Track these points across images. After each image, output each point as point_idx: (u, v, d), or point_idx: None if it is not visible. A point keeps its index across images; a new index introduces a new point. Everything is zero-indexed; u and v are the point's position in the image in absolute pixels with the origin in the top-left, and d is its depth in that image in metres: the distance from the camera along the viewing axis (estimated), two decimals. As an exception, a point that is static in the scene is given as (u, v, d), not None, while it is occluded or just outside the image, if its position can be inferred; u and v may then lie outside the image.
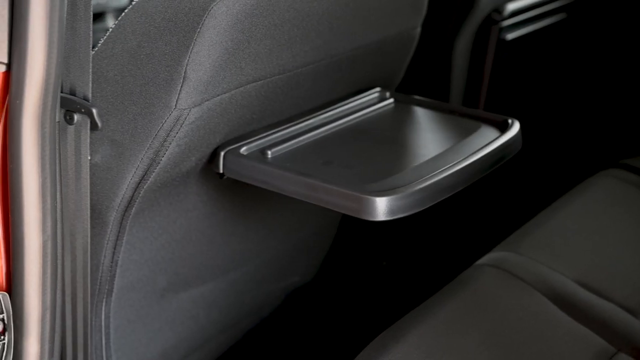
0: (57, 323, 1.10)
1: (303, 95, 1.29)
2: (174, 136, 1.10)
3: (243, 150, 1.19)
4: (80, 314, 1.18)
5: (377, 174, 1.15)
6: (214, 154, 1.20)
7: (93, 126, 1.07)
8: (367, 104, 1.39)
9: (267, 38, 1.12)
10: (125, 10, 1.10)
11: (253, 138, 1.22)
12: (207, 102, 1.10)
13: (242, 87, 1.14)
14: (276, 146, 1.22)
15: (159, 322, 1.36)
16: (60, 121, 1.04)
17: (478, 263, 1.38)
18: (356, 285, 1.91)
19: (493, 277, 1.33)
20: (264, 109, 1.23)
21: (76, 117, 1.06)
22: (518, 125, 1.31)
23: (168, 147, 1.11)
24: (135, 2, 1.08)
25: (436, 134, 1.33)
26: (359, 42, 1.31)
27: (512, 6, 1.83)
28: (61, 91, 1.02)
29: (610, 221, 1.54)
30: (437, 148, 1.25)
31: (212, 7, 1.04)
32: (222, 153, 1.18)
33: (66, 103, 1.05)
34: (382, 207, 1.07)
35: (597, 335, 1.24)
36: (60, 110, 1.02)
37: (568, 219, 1.52)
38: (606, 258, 1.43)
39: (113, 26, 1.10)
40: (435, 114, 1.39)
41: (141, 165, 1.12)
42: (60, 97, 1.01)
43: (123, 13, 1.10)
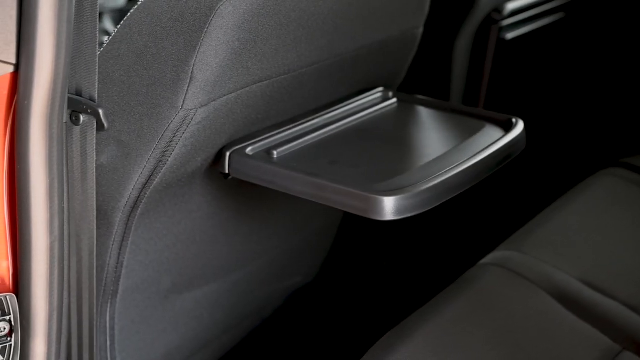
0: (64, 324, 1.10)
1: (307, 95, 1.29)
2: (181, 136, 1.10)
3: (249, 150, 1.19)
4: (85, 315, 1.17)
5: (384, 174, 1.15)
6: (220, 155, 1.19)
7: (99, 127, 1.06)
8: (371, 104, 1.38)
9: (274, 38, 1.12)
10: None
11: (258, 138, 1.22)
12: (214, 103, 1.10)
13: (248, 87, 1.14)
14: (281, 146, 1.21)
15: (163, 323, 1.35)
16: (66, 122, 1.04)
17: (482, 262, 1.39)
18: (358, 285, 1.90)
19: (498, 276, 1.33)
20: (269, 109, 1.22)
21: (82, 118, 1.06)
22: (522, 124, 1.31)
23: (175, 148, 1.10)
24: (141, 3, 1.08)
25: (440, 134, 1.34)
26: (363, 42, 1.31)
27: (512, 6, 1.83)
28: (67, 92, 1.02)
29: (612, 220, 1.54)
30: (442, 147, 1.26)
31: (219, 7, 1.04)
32: (228, 153, 1.18)
33: (72, 104, 1.05)
34: (390, 207, 1.07)
35: (602, 333, 1.24)
36: (66, 111, 1.02)
37: (570, 218, 1.52)
38: (609, 257, 1.44)
39: (119, 26, 1.09)
40: (438, 114, 1.39)
41: (148, 165, 1.11)
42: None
43: (129, 13, 1.09)
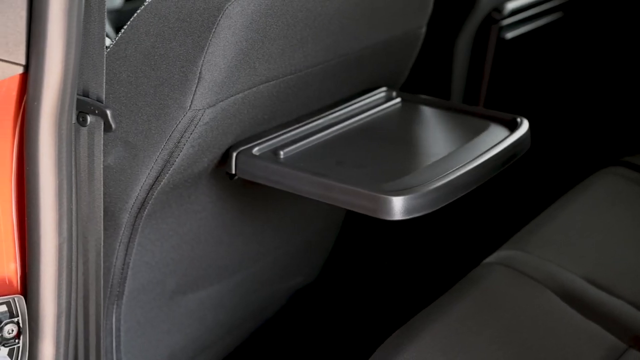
0: (72, 326, 1.09)
1: (312, 95, 1.29)
2: (188, 137, 1.09)
3: (255, 150, 1.19)
4: (92, 317, 1.17)
5: (391, 174, 1.15)
6: (226, 155, 1.19)
7: (107, 128, 1.06)
8: (375, 104, 1.38)
9: (281, 38, 1.12)
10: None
11: (264, 138, 1.22)
12: (221, 103, 1.10)
13: (255, 88, 1.14)
14: (288, 146, 1.21)
15: (168, 324, 1.35)
16: (74, 123, 1.03)
17: (486, 261, 1.39)
18: (360, 285, 1.90)
19: (503, 276, 1.33)
20: (274, 110, 1.22)
21: (89, 119, 1.05)
22: (527, 123, 1.31)
23: (182, 148, 1.10)
24: (147, 3, 1.08)
25: (445, 133, 1.34)
26: (368, 42, 1.31)
27: (512, 5, 1.84)
28: (74, 92, 1.01)
29: (614, 218, 1.54)
30: (448, 147, 1.26)
31: (227, 7, 1.03)
32: (235, 154, 1.18)
33: (79, 104, 1.04)
34: (399, 207, 1.07)
35: (608, 332, 1.24)
36: (75, 112, 1.02)
37: (573, 217, 1.53)
38: (612, 255, 1.44)
39: (125, 27, 1.09)
40: (442, 113, 1.39)
41: (155, 166, 1.11)
42: (74, 99, 1.00)
43: (135, 14, 1.09)
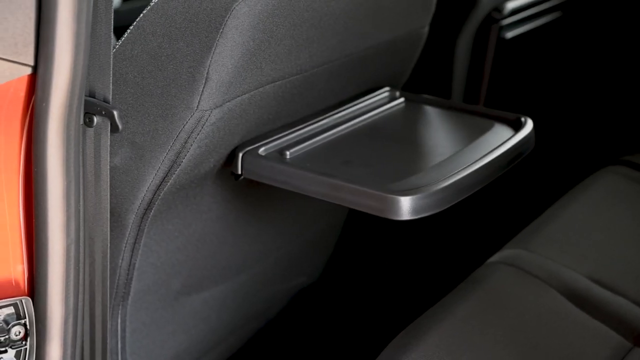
0: (79, 328, 1.09)
1: (316, 95, 1.28)
2: (195, 138, 1.09)
3: (261, 151, 1.19)
4: (98, 319, 1.16)
5: (398, 174, 1.15)
6: (232, 155, 1.19)
7: (114, 128, 1.05)
8: (379, 104, 1.38)
9: (287, 38, 1.12)
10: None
11: (270, 139, 1.21)
12: (228, 103, 1.10)
13: (262, 88, 1.14)
14: (294, 146, 1.21)
15: (173, 325, 1.35)
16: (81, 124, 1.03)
17: (490, 261, 1.39)
18: (362, 285, 1.90)
19: (507, 275, 1.33)
20: (280, 110, 1.22)
21: (96, 120, 1.04)
22: (531, 122, 1.31)
23: (189, 149, 1.10)
24: (154, 3, 1.07)
25: (450, 133, 1.34)
26: (372, 41, 1.31)
27: (512, 5, 1.84)
28: (81, 93, 1.01)
29: (616, 218, 1.55)
30: (454, 147, 1.26)
31: (235, 7, 1.03)
32: (241, 154, 1.18)
33: (86, 105, 1.03)
34: (407, 207, 1.07)
35: (613, 331, 1.24)
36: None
37: (575, 216, 1.53)
38: (615, 254, 1.44)
39: (131, 27, 1.09)
40: (446, 113, 1.39)
41: (162, 167, 1.11)
42: (82, 100, 0.99)
43: (142, 14, 1.09)
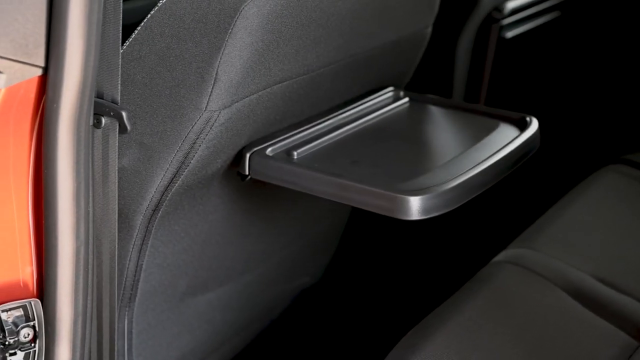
0: (87, 329, 1.08)
1: (322, 95, 1.28)
2: (204, 138, 1.09)
3: (268, 151, 1.19)
4: (106, 320, 1.16)
5: (407, 173, 1.15)
6: (239, 156, 1.19)
7: (122, 129, 1.04)
8: (383, 104, 1.38)
9: (295, 38, 1.12)
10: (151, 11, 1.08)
11: (277, 139, 1.21)
12: (236, 104, 1.09)
13: (269, 88, 1.14)
14: (301, 147, 1.21)
15: (178, 326, 1.35)
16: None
17: (495, 260, 1.39)
18: (365, 285, 1.90)
19: (513, 274, 1.33)
20: (286, 110, 1.22)
21: (104, 121, 1.04)
22: (536, 122, 1.31)
23: (197, 150, 1.10)
24: (161, 4, 1.07)
25: (456, 133, 1.34)
26: (377, 42, 1.31)
27: (512, 4, 1.84)
28: (90, 94, 1.00)
29: (618, 216, 1.55)
30: (460, 147, 1.26)
31: (244, 8, 1.03)
32: (248, 155, 1.18)
33: (94, 106, 1.03)
34: (416, 207, 1.07)
35: (620, 329, 1.25)
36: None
37: (578, 215, 1.53)
38: (619, 253, 1.45)
39: (139, 28, 1.08)
40: (450, 112, 1.39)
41: (170, 168, 1.10)
42: (91, 101, 0.99)
43: (149, 14, 1.08)
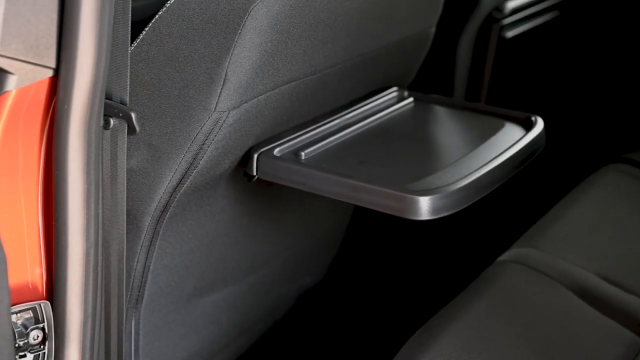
0: (96, 331, 1.08)
1: (329, 95, 1.28)
2: (213, 139, 1.09)
3: (276, 152, 1.19)
4: (113, 322, 1.16)
5: (415, 173, 1.15)
6: (247, 157, 1.19)
7: (131, 131, 1.04)
8: (388, 104, 1.39)
9: (303, 39, 1.12)
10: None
11: (284, 139, 1.21)
12: (245, 104, 1.09)
13: (277, 89, 1.13)
14: (308, 147, 1.21)
15: (184, 327, 1.34)
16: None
17: (500, 260, 1.39)
18: (367, 284, 1.90)
19: (518, 273, 1.33)
20: (293, 111, 1.22)
21: (112, 122, 1.03)
22: (542, 121, 1.32)
23: (206, 151, 1.09)
24: (169, 4, 1.07)
25: (462, 133, 1.34)
26: (383, 42, 1.31)
27: (512, 4, 1.85)
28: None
29: (621, 215, 1.55)
30: (467, 146, 1.26)
31: (253, 8, 1.03)
32: (256, 155, 1.17)
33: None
34: (426, 207, 1.07)
35: (625, 328, 1.25)
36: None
37: (581, 214, 1.53)
38: (622, 252, 1.45)
39: (147, 28, 1.08)
40: (455, 112, 1.39)
41: (179, 169, 1.10)
42: (100, 102, 0.99)
43: (157, 15, 1.08)
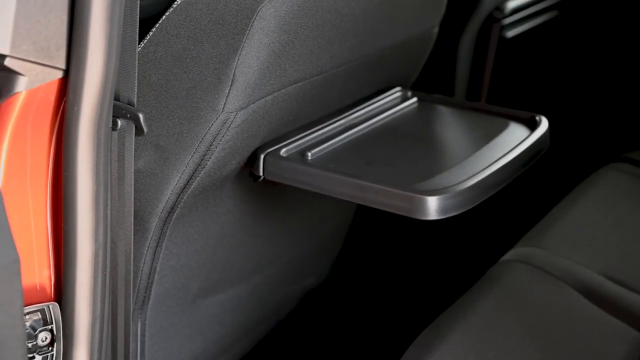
0: (104, 333, 1.08)
1: (334, 96, 1.28)
2: (220, 140, 1.09)
3: (283, 152, 1.19)
4: (120, 323, 1.15)
5: (422, 173, 1.15)
6: (253, 157, 1.19)
7: (139, 131, 1.03)
8: (393, 104, 1.39)
9: (310, 39, 1.12)
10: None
11: (290, 140, 1.21)
12: (252, 105, 1.09)
13: (284, 89, 1.13)
14: (314, 147, 1.21)
15: (190, 328, 1.34)
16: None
17: (504, 259, 1.39)
18: (370, 284, 1.90)
19: (522, 273, 1.34)
20: (300, 111, 1.22)
21: (120, 123, 1.03)
22: (546, 121, 1.32)
23: (214, 151, 1.09)
24: (176, 5, 1.06)
25: (467, 132, 1.34)
26: (389, 42, 1.31)
27: (512, 4, 1.85)
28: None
29: (623, 214, 1.56)
30: (473, 146, 1.26)
31: (261, 9, 1.03)
32: (262, 156, 1.17)
33: (111, 108, 1.03)
34: (434, 206, 1.08)
35: (630, 326, 1.25)
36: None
37: (583, 214, 1.54)
38: (625, 250, 1.45)
39: (154, 29, 1.08)
40: (459, 112, 1.40)
41: (186, 170, 1.10)
42: (108, 103, 0.98)
43: (164, 16, 1.08)
